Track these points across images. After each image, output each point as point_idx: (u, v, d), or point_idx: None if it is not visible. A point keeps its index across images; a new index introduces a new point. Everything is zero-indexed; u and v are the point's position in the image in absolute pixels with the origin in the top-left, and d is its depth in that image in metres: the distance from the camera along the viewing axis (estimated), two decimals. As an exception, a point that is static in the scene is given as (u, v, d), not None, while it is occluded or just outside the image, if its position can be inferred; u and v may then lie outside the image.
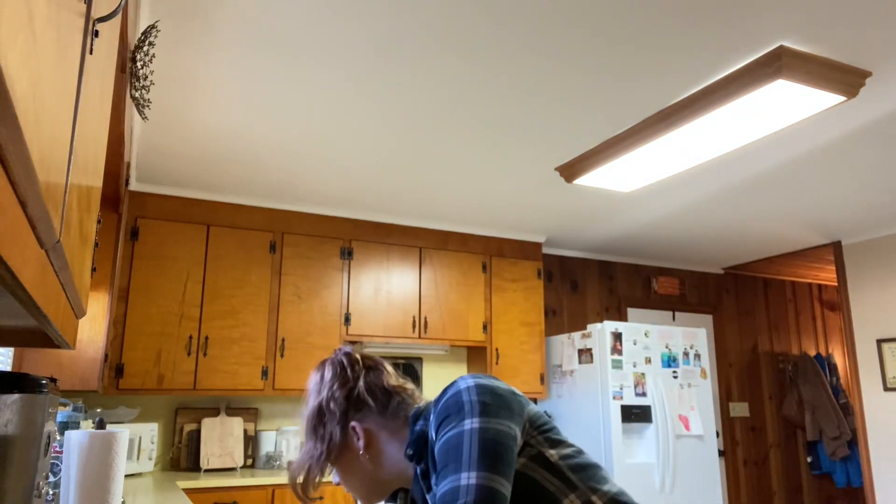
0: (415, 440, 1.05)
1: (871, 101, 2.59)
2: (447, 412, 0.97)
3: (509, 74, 2.41)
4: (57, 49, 0.54)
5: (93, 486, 1.61)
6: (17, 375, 0.97)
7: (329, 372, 1.13)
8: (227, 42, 2.21)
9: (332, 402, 1.09)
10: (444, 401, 0.99)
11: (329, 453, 1.08)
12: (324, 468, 1.08)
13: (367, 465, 1.09)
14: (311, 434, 1.10)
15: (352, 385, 1.11)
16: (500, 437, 0.92)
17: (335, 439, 1.08)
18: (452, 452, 0.91)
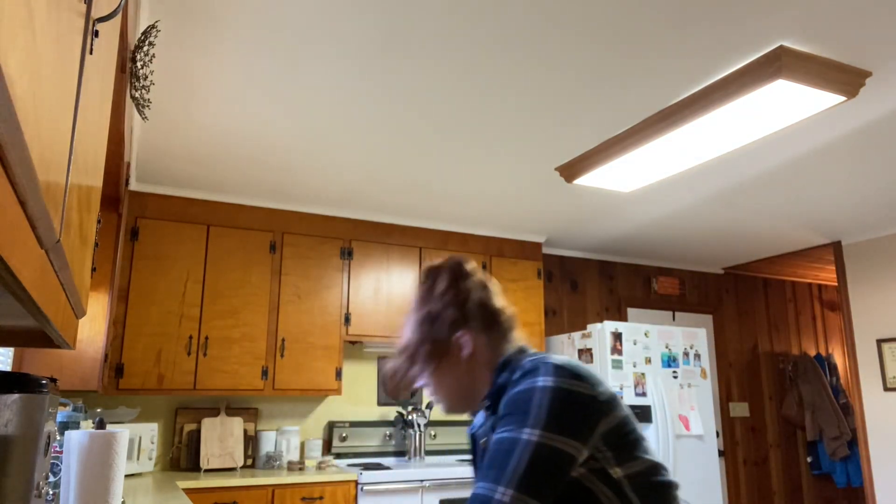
0: (494, 392, 1.05)
1: (871, 101, 2.59)
2: (514, 407, 0.94)
3: (509, 74, 2.41)
4: (57, 49, 0.54)
5: (93, 486, 1.61)
6: (17, 375, 0.97)
7: (445, 280, 1.14)
8: (227, 42, 2.21)
9: (447, 309, 1.11)
10: (518, 391, 0.96)
11: (432, 358, 1.10)
12: (423, 372, 1.10)
13: (463, 377, 1.10)
14: (416, 339, 1.12)
15: (464, 297, 1.12)
16: (554, 456, 0.89)
17: (441, 346, 1.10)
18: (501, 457, 0.90)
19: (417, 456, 4.15)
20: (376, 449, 4.18)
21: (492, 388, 1.07)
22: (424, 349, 1.10)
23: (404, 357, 1.12)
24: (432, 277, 1.16)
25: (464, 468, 3.81)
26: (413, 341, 1.12)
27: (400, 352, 1.13)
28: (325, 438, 4.11)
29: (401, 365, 1.12)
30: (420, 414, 4.17)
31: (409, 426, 4.17)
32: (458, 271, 1.15)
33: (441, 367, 1.11)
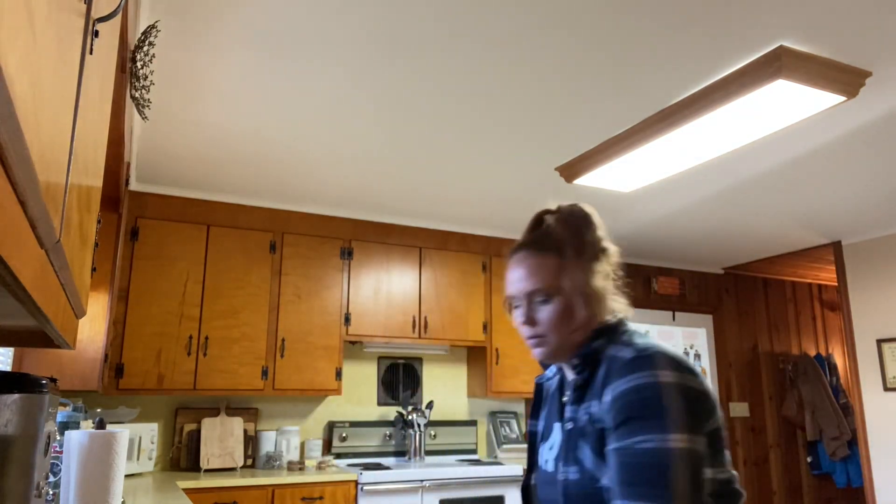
0: (587, 354, 1.04)
1: (871, 101, 2.59)
2: (642, 409, 0.89)
3: (509, 75, 2.41)
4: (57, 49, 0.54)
5: (93, 486, 1.61)
6: (17, 375, 0.97)
7: (594, 218, 1.13)
8: (227, 42, 2.21)
9: (595, 244, 1.10)
10: (636, 387, 0.92)
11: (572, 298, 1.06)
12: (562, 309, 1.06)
13: (583, 313, 1.07)
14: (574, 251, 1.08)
15: (603, 236, 1.13)
16: (701, 460, 0.87)
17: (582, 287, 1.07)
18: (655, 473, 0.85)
19: (417, 456, 4.15)
20: (376, 449, 4.18)
21: (584, 349, 1.05)
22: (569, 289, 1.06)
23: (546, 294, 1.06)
24: (576, 218, 1.12)
25: (464, 468, 3.81)
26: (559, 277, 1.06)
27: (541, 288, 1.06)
28: (325, 438, 4.11)
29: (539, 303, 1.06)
30: (420, 414, 4.17)
31: (409, 426, 4.17)
32: (597, 219, 1.15)
33: (569, 309, 1.06)
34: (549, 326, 1.06)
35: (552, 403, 1.16)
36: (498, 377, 4.39)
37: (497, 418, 4.62)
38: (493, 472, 3.87)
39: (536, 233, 1.14)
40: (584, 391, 1.03)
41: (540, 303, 1.07)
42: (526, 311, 1.08)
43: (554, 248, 1.09)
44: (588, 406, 1.01)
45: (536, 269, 1.08)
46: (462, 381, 4.66)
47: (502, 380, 4.40)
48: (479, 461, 4.22)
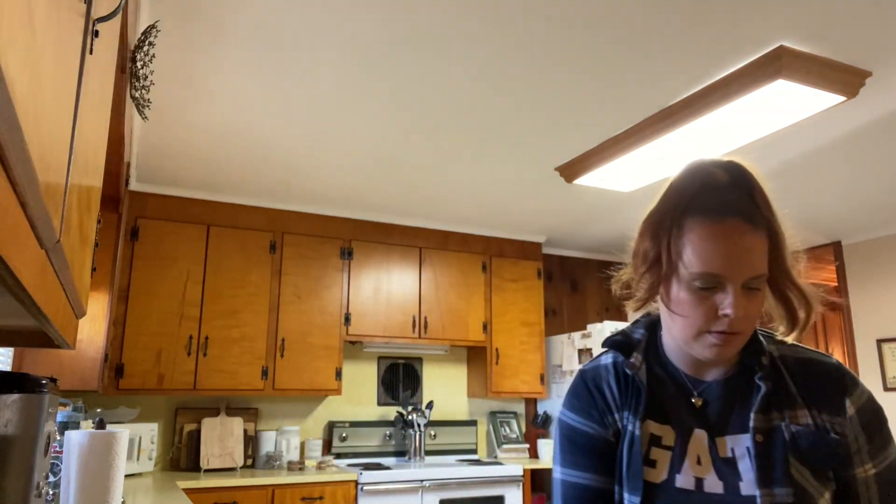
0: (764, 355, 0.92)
1: (871, 101, 2.59)
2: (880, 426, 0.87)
3: (509, 74, 2.41)
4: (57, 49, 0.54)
5: (93, 486, 1.61)
6: (17, 375, 0.97)
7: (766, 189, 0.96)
8: (227, 42, 2.21)
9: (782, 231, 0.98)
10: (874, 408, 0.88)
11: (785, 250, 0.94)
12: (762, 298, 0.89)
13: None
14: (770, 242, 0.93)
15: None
16: None
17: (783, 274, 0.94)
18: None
19: (417, 456, 4.15)
20: (376, 449, 4.18)
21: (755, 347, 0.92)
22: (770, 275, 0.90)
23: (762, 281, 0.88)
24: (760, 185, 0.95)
25: (464, 468, 3.81)
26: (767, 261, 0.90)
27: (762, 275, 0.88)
28: (325, 438, 4.11)
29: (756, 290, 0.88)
30: (420, 414, 4.17)
31: (409, 426, 4.17)
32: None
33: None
34: (752, 319, 0.88)
35: (674, 403, 0.94)
36: (498, 377, 4.39)
37: (497, 418, 4.62)
38: (493, 472, 3.87)
39: (741, 200, 0.92)
40: (772, 400, 0.89)
41: (753, 292, 0.87)
42: (739, 300, 0.85)
43: (766, 226, 0.92)
44: (797, 416, 0.87)
45: (757, 249, 0.88)
46: (462, 381, 4.66)
47: (502, 380, 4.40)
48: (479, 461, 4.22)
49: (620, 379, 1.00)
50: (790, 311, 0.91)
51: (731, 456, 0.88)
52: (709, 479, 0.88)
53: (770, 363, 0.91)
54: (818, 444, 0.84)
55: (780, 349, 0.93)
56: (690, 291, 0.88)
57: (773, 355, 0.92)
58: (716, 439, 0.90)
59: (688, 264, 0.88)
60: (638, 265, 0.97)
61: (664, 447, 0.92)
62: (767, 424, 0.87)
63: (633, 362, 0.99)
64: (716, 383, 0.93)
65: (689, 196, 0.95)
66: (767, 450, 0.85)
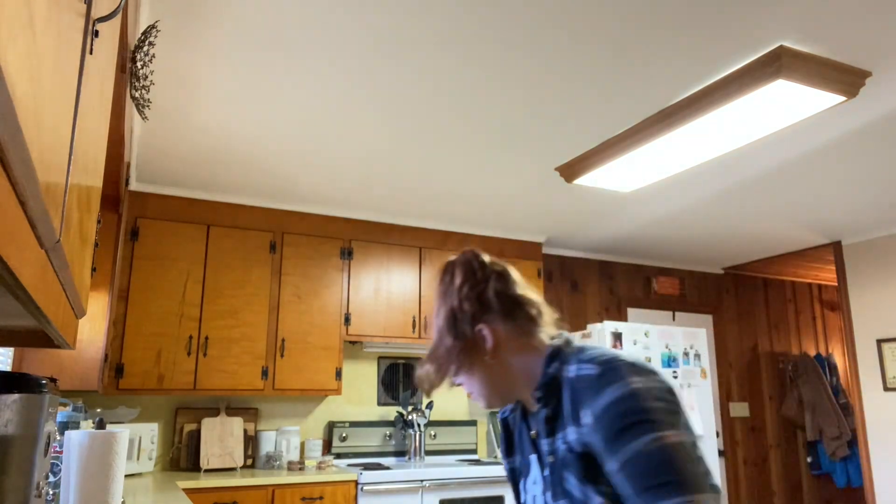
0: (546, 383, 1.04)
1: (871, 101, 2.59)
2: (628, 419, 0.92)
3: (509, 74, 2.41)
4: (57, 49, 0.54)
5: (93, 486, 1.61)
6: (17, 375, 0.97)
7: (459, 276, 1.12)
8: (227, 42, 2.21)
9: (465, 303, 1.09)
10: (617, 399, 0.93)
11: (459, 354, 1.08)
12: (450, 370, 1.09)
13: (495, 371, 1.09)
14: (441, 337, 1.10)
15: (482, 288, 1.10)
16: (696, 450, 0.91)
17: (465, 340, 1.08)
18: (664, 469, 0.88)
19: (417, 456, 4.15)
20: (376, 449, 4.18)
21: (543, 377, 1.05)
22: (450, 348, 1.08)
23: (433, 358, 1.10)
24: (449, 273, 1.13)
25: (464, 468, 3.81)
26: (438, 341, 1.10)
27: (429, 354, 1.10)
28: (325, 438, 4.11)
29: (430, 367, 1.09)
30: (420, 414, 4.17)
31: (409, 426, 4.17)
32: (472, 263, 1.13)
33: (471, 363, 1.09)
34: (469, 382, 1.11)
35: (522, 436, 1.15)
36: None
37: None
38: (493, 472, 3.87)
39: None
40: (555, 421, 1.02)
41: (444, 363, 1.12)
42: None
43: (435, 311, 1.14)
44: (564, 435, 1.00)
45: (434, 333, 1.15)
46: (462, 381, 4.66)
47: (502, 380, 4.40)
48: (479, 461, 4.22)
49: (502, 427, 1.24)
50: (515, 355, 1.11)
51: (547, 474, 1.04)
52: (538, 497, 1.06)
53: (552, 388, 1.03)
54: (570, 460, 0.98)
55: (564, 366, 1.03)
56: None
57: (557, 375, 1.03)
58: (531, 458, 1.10)
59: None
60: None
61: (522, 475, 1.14)
62: (553, 445, 1.02)
63: (506, 410, 1.22)
64: (537, 416, 1.08)
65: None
66: (554, 467, 1.01)
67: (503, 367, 1.09)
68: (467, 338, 1.08)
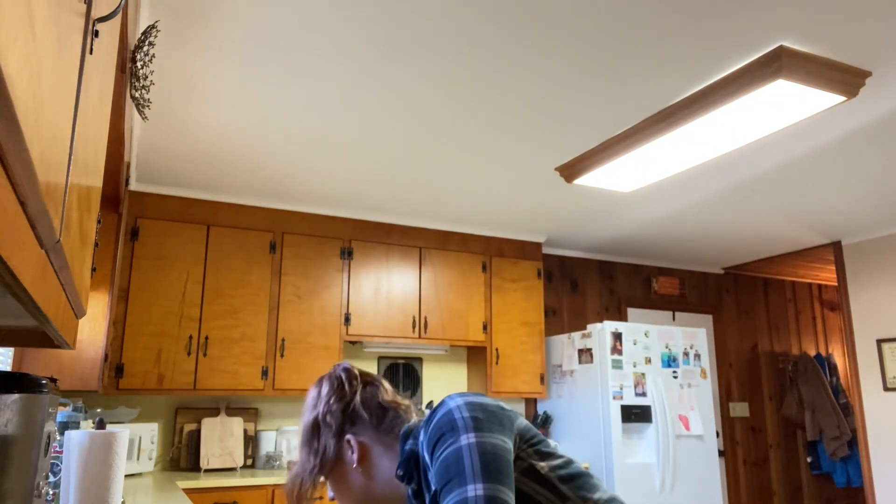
0: (405, 460, 1.06)
1: (871, 101, 2.59)
2: (441, 431, 0.96)
3: (509, 75, 2.41)
4: (57, 49, 0.54)
5: (93, 486, 1.61)
6: (17, 375, 0.97)
7: (326, 387, 1.15)
8: (227, 42, 2.21)
9: (329, 416, 1.11)
10: (436, 421, 0.98)
11: (323, 465, 1.10)
12: (316, 480, 1.11)
13: (361, 479, 1.11)
14: (306, 447, 1.12)
15: (348, 399, 1.13)
16: (498, 449, 0.93)
17: (329, 452, 1.10)
18: (454, 467, 0.91)
19: (417, 456, 4.15)
20: (376, 449, 4.17)
21: (401, 456, 1.07)
22: (317, 457, 1.10)
23: (299, 468, 1.11)
24: (318, 386, 1.16)
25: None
26: (304, 451, 1.12)
27: (297, 464, 1.12)
28: (325, 438, 4.11)
29: (297, 476, 1.11)
30: (420, 414, 4.16)
31: (409, 426, 4.17)
32: (341, 376, 1.16)
33: (335, 473, 1.11)
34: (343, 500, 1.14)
35: None
36: (498, 377, 4.39)
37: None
38: (493, 472, 3.86)
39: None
40: (421, 492, 1.04)
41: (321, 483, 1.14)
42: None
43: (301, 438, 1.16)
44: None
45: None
46: (462, 381, 4.66)
47: (502, 380, 4.40)
48: (479, 461, 4.22)
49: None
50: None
51: None
52: None
53: (408, 463, 1.05)
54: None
55: (418, 441, 1.05)
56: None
57: (413, 448, 1.05)
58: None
59: None
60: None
61: None
62: (420, 500, 1.03)
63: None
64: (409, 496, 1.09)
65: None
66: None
67: (372, 472, 1.10)
68: (332, 450, 1.10)
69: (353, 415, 1.11)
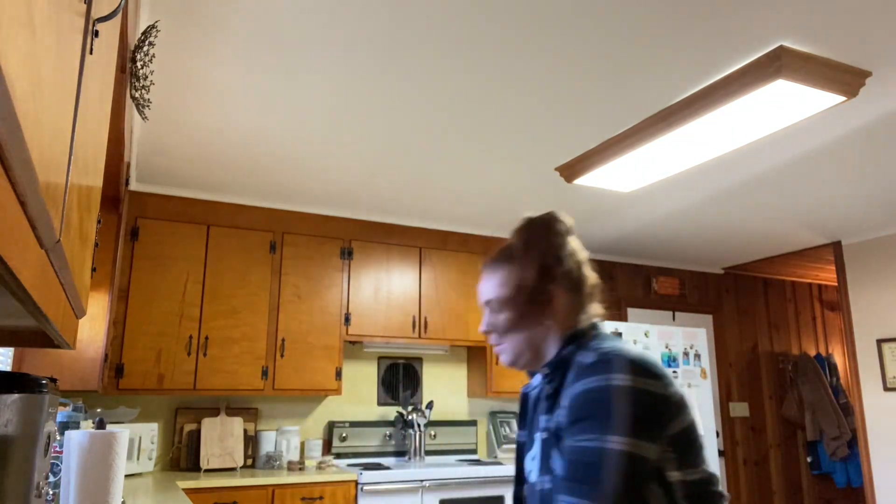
0: (557, 362, 1.04)
1: (871, 101, 2.59)
2: (590, 409, 0.91)
3: (509, 74, 2.41)
4: (57, 49, 0.54)
5: (93, 486, 1.61)
6: (17, 375, 0.97)
7: (545, 231, 1.14)
8: (227, 42, 2.21)
9: (545, 259, 1.10)
10: (591, 389, 0.93)
11: (520, 306, 1.09)
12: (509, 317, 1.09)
13: (538, 333, 1.09)
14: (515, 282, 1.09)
15: (565, 252, 1.13)
16: (640, 464, 0.88)
17: (531, 295, 1.09)
18: (590, 472, 0.88)
19: (417, 456, 4.15)
20: (376, 449, 4.18)
21: (556, 356, 1.06)
22: (517, 296, 1.09)
23: (498, 303, 1.10)
24: (533, 227, 1.15)
25: (464, 468, 3.81)
26: (514, 290, 1.09)
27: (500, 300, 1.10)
28: (325, 438, 4.11)
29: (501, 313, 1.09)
30: (420, 414, 4.17)
31: (409, 426, 4.17)
32: (559, 226, 1.15)
33: (524, 317, 1.09)
34: (503, 335, 1.11)
35: (534, 413, 1.16)
36: (498, 377, 4.39)
37: (497, 418, 4.62)
38: (493, 472, 3.87)
39: (499, 251, 1.17)
40: (556, 399, 1.03)
41: (494, 312, 1.12)
42: (484, 320, 1.14)
43: (506, 258, 1.13)
44: (559, 415, 1.00)
45: (490, 279, 1.13)
46: (462, 381, 4.66)
47: (502, 380, 4.40)
48: (479, 461, 4.22)
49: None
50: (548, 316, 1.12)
51: (538, 450, 1.06)
52: (533, 472, 1.07)
53: (557, 367, 1.05)
54: (553, 438, 0.99)
55: (579, 350, 1.04)
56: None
57: (569, 357, 1.04)
58: (536, 435, 1.09)
59: None
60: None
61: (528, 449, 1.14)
62: (549, 423, 1.02)
63: (531, 384, 1.21)
64: (541, 392, 1.10)
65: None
66: (545, 445, 1.02)
67: (547, 332, 1.09)
68: (536, 292, 1.08)
69: (564, 269, 1.11)
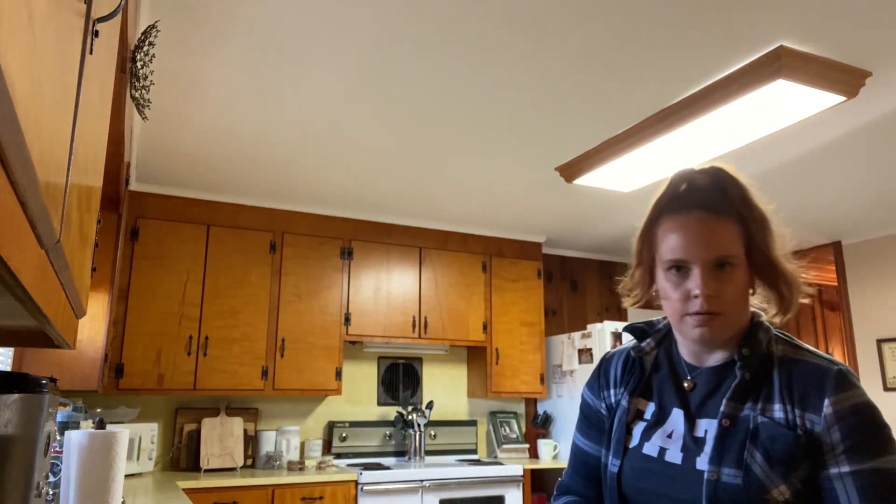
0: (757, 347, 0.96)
1: (871, 101, 2.59)
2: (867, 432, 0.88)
3: (509, 74, 2.41)
4: (57, 49, 0.54)
5: (93, 486, 1.61)
6: (17, 375, 0.97)
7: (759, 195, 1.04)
8: (227, 42, 2.21)
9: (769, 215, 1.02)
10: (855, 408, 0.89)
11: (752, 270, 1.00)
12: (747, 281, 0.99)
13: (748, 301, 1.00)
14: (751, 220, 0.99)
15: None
16: None
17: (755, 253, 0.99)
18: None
19: (417, 456, 4.15)
20: (376, 449, 4.18)
21: (748, 340, 0.97)
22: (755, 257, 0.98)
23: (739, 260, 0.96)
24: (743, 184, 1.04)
25: (464, 468, 3.81)
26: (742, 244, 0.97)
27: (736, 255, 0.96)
28: (325, 438, 4.11)
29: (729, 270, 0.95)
30: (420, 414, 4.17)
31: (409, 426, 4.17)
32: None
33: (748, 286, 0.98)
34: (729, 300, 0.94)
35: (665, 384, 1.05)
36: (498, 377, 4.39)
37: (497, 418, 4.62)
38: (493, 472, 3.87)
39: (710, 196, 1.00)
40: (750, 390, 0.95)
41: (723, 272, 0.95)
42: (706, 280, 0.93)
43: (736, 216, 0.99)
44: (763, 408, 0.92)
45: (721, 234, 0.96)
46: (462, 381, 4.66)
47: (502, 380, 4.40)
48: (479, 461, 4.22)
49: (627, 361, 1.13)
50: (779, 294, 1.00)
51: (702, 436, 0.96)
52: (671, 451, 0.98)
53: (760, 356, 0.96)
54: (776, 436, 0.90)
55: (785, 349, 0.97)
56: (667, 279, 1.00)
57: (772, 352, 0.97)
58: (694, 419, 0.99)
59: (662, 255, 1.01)
60: (633, 264, 1.12)
61: (644, 420, 1.05)
62: (737, 412, 0.94)
63: (643, 347, 1.13)
64: (708, 370, 1.01)
65: (667, 198, 1.04)
66: (730, 433, 0.93)
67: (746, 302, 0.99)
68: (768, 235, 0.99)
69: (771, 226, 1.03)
